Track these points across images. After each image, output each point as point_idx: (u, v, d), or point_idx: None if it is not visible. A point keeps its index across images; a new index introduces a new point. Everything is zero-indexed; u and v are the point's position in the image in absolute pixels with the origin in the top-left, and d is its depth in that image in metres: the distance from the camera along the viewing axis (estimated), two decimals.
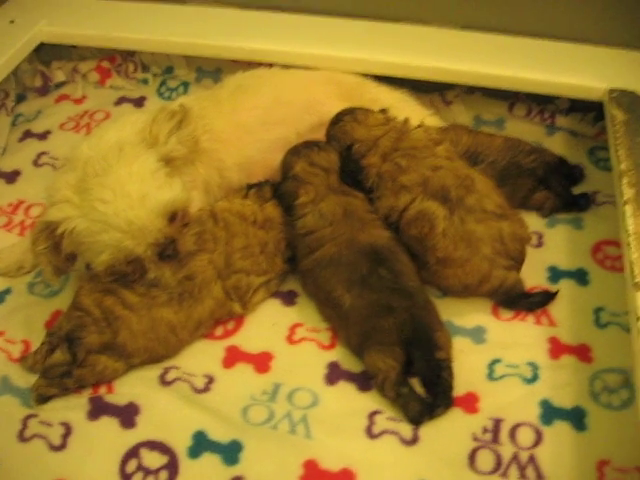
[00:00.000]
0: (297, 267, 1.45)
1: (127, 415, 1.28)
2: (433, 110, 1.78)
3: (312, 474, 1.19)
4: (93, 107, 1.98)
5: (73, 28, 1.93)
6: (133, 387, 1.33)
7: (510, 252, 1.38)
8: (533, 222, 1.54)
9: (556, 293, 1.41)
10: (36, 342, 1.39)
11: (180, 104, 1.48)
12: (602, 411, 1.24)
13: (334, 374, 1.33)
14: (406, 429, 1.24)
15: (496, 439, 1.22)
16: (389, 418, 1.26)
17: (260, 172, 1.58)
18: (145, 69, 2.07)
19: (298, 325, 1.42)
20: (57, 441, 1.25)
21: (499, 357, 1.34)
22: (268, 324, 1.43)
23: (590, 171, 1.70)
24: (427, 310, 1.32)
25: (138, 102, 1.99)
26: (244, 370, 1.35)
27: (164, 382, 1.33)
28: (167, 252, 1.31)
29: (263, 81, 1.66)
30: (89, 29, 1.92)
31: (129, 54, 2.05)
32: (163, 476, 1.20)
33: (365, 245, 1.38)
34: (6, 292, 1.52)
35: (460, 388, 1.28)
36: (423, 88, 1.81)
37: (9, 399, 1.32)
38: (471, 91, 1.88)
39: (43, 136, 1.90)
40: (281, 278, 1.48)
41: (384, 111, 1.55)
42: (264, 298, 1.45)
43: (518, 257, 1.41)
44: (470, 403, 1.27)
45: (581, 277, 1.46)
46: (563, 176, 1.60)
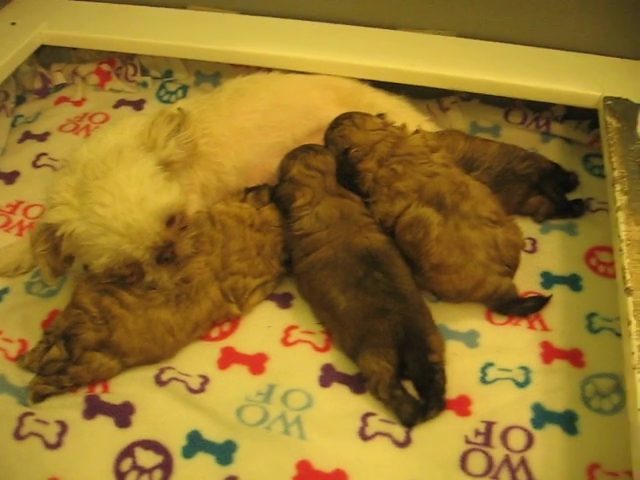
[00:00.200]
0: (293, 269, 1.47)
1: (122, 414, 1.29)
2: (430, 116, 1.79)
3: (305, 475, 1.20)
4: (92, 109, 1.99)
5: (73, 31, 1.94)
6: (129, 386, 1.34)
7: (504, 258, 1.39)
8: (527, 228, 1.56)
9: (549, 298, 1.42)
10: (33, 341, 1.40)
11: (179, 108, 1.49)
12: (593, 415, 1.25)
13: (328, 376, 1.35)
14: (399, 431, 1.25)
15: (488, 442, 1.23)
16: (382, 420, 1.27)
17: (258, 176, 1.59)
18: (145, 72, 2.08)
19: (293, 327, 1.43)
20: (53, 439, 1.26)
21: (492, 361, 1.35)
22: (263, 326, 1.44)
23: (584, 178, 1.71)
24: (421, 314, 1.34)
25: (137, 105, 2.00)
26: (239, 371, 1.36)
27: (159, 382, 1.34)
28: (165, 255, 1.33)
29: (261, 86, 1.67)
30: (89, 32, 1.93)
31: (129, 57, 2.06)
32: (157, 475, 1.21)
33: (361, 248, 1.39)
34: (4, 291, 1.53)
35: (453, 391, 1.29)
36: (420, 94, 1.82)
37: (5, 397, 1.33)
38: (468, 98, 1.90)
39: (42, 137, 1.91)
40: (277, 280, 1.49)
41: (382, 116, 1.56)
42: (260, 300, 1.46)
43: (512, 263, 1.42)
44: (462, 406, 1.28)
45: (574, 283, 1.48)
46: (558, 182, 1.62)
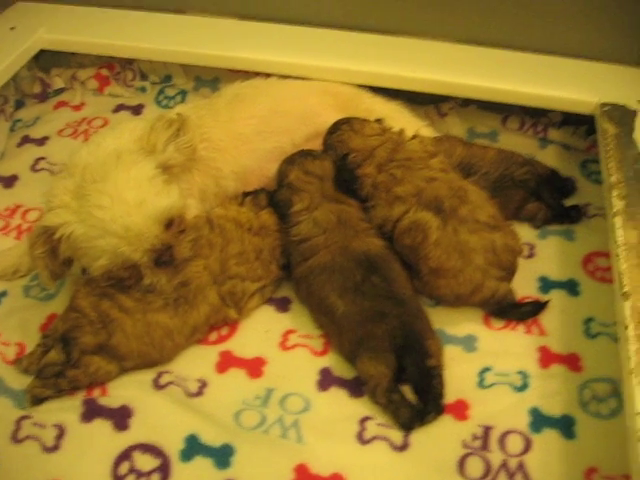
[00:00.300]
0: (291, 274, 1.47)
1: (120, 418, 1.29)
2: (428, 122, 1.80)
3: (303, 478, 1.20)
4: (91, 114, 1.99)
5: (72, 35, 1.95)
6: (127, 390, 1.34)
7: (502, 263, 1.40)
8: (525, 233, 1.56)
9: (547, 303, 1.43)
10: (31, 345, 1.40)
11: (178, 113, 1.50)
12: (591, 420, 1.25)
13: (326, 380, 1.35)
14: (397, 435, 1.25)
15: (486, 446, 1.23)
16: (380, 424, 1.27)
17: (256, 181, 1.60)
18: (143, 77, 2.08)
19: (291, 331, 1.44)
20: (50, 442, 1.26)
21: (490, 365, 1.35)
22: (261, 330, 1.44)
23: (582, 184, 1.72)
24: (419, 318, 1.34)
25: (136, 110, 2.01)
26: (237, 375, 1.36)
27: (157, 386, 1.34)
28: (163, 258, 1.33)
29: (260, 91, 1.67)
30: (88, 37, 1.94)
31: (128, 62, 2.07)
32: (155, 479, 1.21)
33: (359, 253, 1.39)
34: (2, 295, 1.53)
35: (451, 395, 1.29)
36: (418, 100, 1.83)
37: (3, 400, 1.33)
38: (466, 104, 1.91)
39: (41, 142, 1.91)
40: (276, 284, 1.50)
41: (380, 121, 1.57)
42: (259, 304, 1.46)
43: (510, 268, 1.42)
44: (460, 410, 1.28)
45: (572, 288, 1.48)
46: (555, 188, 1.62)
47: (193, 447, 1.25)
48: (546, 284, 1.49)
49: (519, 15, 1.77)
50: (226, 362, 1.39)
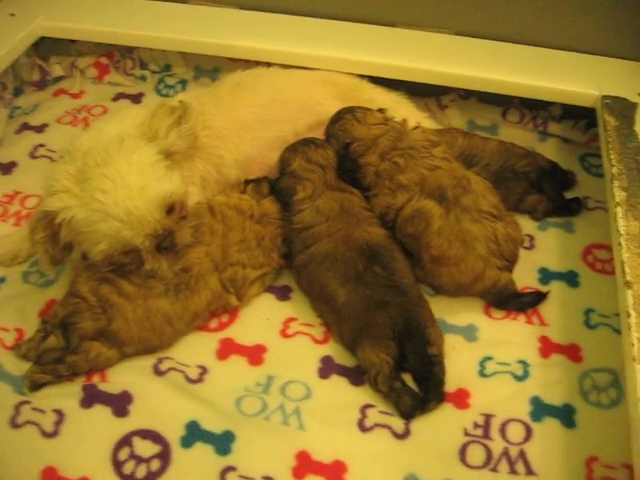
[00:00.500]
0: (292, 262, 1.46)
1: (120, 404, 1.29)
2: (428, 114, 1.80)
3: (304, 465, 1.20)
4: (91, 102, 1.98)
5: (72, 23, 1.94)
6: (126, 376, 1.33)
7: (504, 252, 1.40)
8: (525, 225, 1.56)
9: (547, 294, 1.43)
10: (29, 330, 1.39)
11: (180, 100, 1.49)
12: (591, 409, 1.26)
13: (327, 368, 1.35)
14: (398, 423, 1.25)
15: (487, 434, 1.23)
16: (381, 412, 1.27)
17: (258, 169, 1.59)
18: (143, 66, 2.07)
19: (292, 319, 1.43)
20: (50, 428, 1.25)
21: (490, 355, 1.35)
22: (262, 318, 1.44)
23: (581, 177, 1.72)
24: (420, 307, 1.34)
25: (136, 98, 2.00)
26: (238, 362, 1.36)
27: (158, 372, 1.34)
28: (164, 244, 1.32)
29: (262, 80, 1.67)
30: (88, 24, 1.92)
31: (128, 51, 2.06)
32: (155, 465, 1.21)
33: (361, 242, 1.39)
34: (0, 281, 1.52)
35: (452, 384, 1.30)
36: (419, 92, 1.83)
37: (2, 386, 1.32)
38: (466, 96, 1.91)
39: (40, 129, 1.90)
40: (276, 272, 1.49)
41: (383, 111, 1.57)
42: (259, 291, 1.46)
43: (511, 258, 1.43)
44: (461, 399, 1.28)
45: (571, 279, 1.49)
46: (556, 181, 1.63)
47: (194, 433, 1.24)
48: (546, 275, 1.50)
49: (520, 8, 1.77)
50: (227, 349, 1.38)
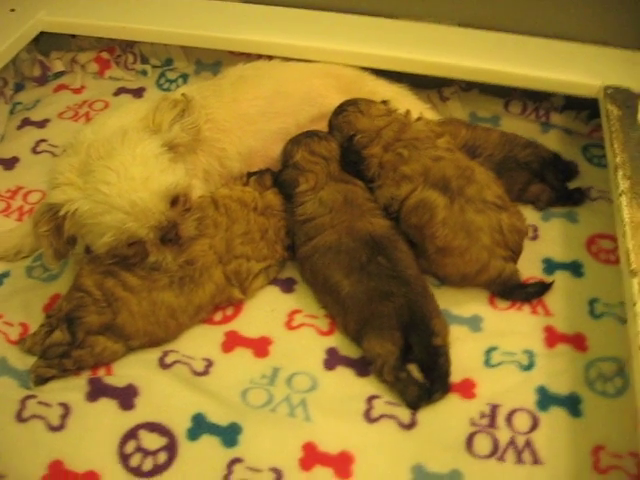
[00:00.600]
0: (296, 254, 1.46)
1: (126, 397, 1.28)
2: (430, 106, 1.80)
3: (311, 456, 1.20)
4: (92, 97, 1.98)
5: (73, 18, 1.93)
6: (132, 369, 1.33)
7: (508, 243, 1.40)
8: (528, 215, 1.55)
9: (551, 284, 1.43)
10: (34, 325, 1.39)
11: (183, 93, 1.49)
12: (597, 398, 1.26)
13: (333, 359, 1.34)
14: (404, 413, 1.25)
15: (493, 424, 1.23)
16: (387, 402, 1.27)
17: (260, 162, 1.59)
18: (144, 61, 2.07)
19: (297, 311, 1.43)
20: (56, 422, 1.25)
21: (496, 345, 1.35)
22: (267, 310, 1.44)
23: (584, 167, 1.72)
24: (425, 297, 1.34)
25: (137, 93, 1.99)
26: (243, 354, 1.36)
27: (163, 365, 1.34)
28: (169, 236, 1.32)
29: (264, 72, 1.67)
30: (89, 19, 1.92)
31: (128, 45, 2.06)
32: (162, 457, 1.20)
33: (364, 233, 1.39)
34: (4, 275, 1.52)
35: (457, 374, 1.29)
36: (420, 84, 1.82)
37: (7, 380, 1.32)
38: (467, 88, 1.91)
39: (42, 124, 1.90)
40: (280, 265, 1.49)
41: (385, 102, 1.57)
42: (263, 284, 1.46)
43: (516, 248, 1.42)
44: (467, 389, 1.28)
45: (576, 269, 1.48)
46: (558, 171, 1.62)
47: (200, 426, 1.24)
48: (550, 265, 1.50)
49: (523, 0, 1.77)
50: (232, 341, 1.38)
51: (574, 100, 1.77)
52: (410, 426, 1.24)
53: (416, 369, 1.30)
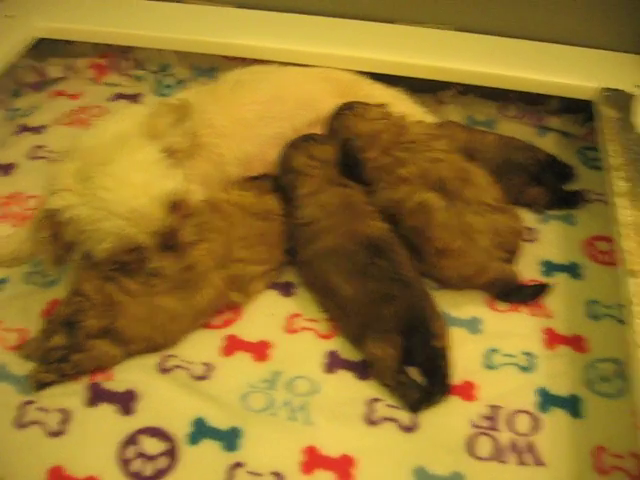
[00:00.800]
0: (296, 258, 1.46)
1: (126, 402, 1.28)
2: (427, 110, 1.80)
3: (312, 460, 1.19)
4: (89, 103, 1.98)
5: (69, 24, 1.93)
6: (131, 374, 1.33)
7: (506, 245, 1.41)
8: (526, 218, 1.57)
9: (550, 286, 1.43)
10: (33, 331, 1.39)
11: (180, 98, 1.49)
12: (598, 399, 1.26)
13: (333, 363, 1.34)
14: (405, 416, 1.25)
15: (494, 426, 1.23)
16: (388, 405, 1.27)
17: (259, 166, 1.59)
18: (140, 66, 2.07)
19: (296, 315, 1.43)
20: (55, 427, 1.24)
21: (495, 347, 1.35)
22: (266, 314, 1.44)
23: (580, 170, 1.72)
24: (425, 300, 1.33)
25: (134, 99, 1.99)
26: (243, 358, 1.36)
27: (163, 369, 1.33)
28: (168, 242, 1.32)
29: (261, 77, 1.67)
30: (85, 25, 1.92)
31: (124, 51, 2.06)
32: (163, 462, 1.20)
33: (363, 236, 1.39)
34: (3, 281, 1.52)
35: (457, 376, 1.29)
36: (417, 88, 1.83)
37: (5, 386, 1.31)
38: (464, 92, 1.91)
39: (38, 130, 1.90)
40: (280, 269, 1.49)
41: (382, 106, 1.57)
42: (263, 288, 1.46)
43: (513, 250, 1.43)
44: (468, 391, 1.28)
45: (574, 271, 1.49)
46: (555, 174, 1.63)
47: (200, 430, 1.24)
48: (549, 268, 1.50)
49: (519, 3, 1.78)
50: (231, 346, 1.38)
51: (570, 103, 1.77)
52: (411, 429, 1.24)
53: (416, 372, 1.29)
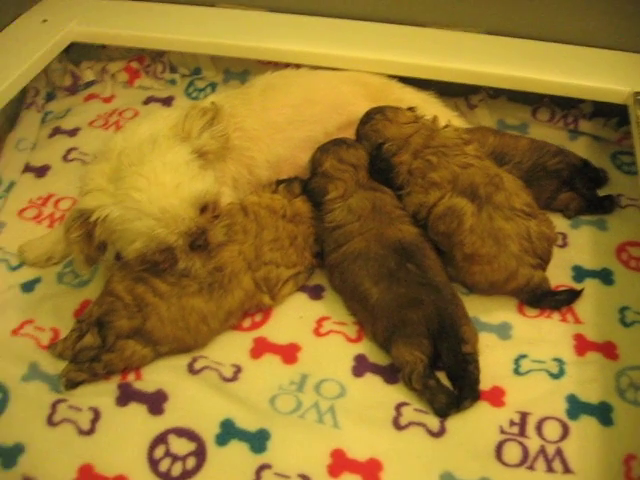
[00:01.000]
0: (325, 261, 1.47)
1: (155, 402, 1.30)
2: (457, 113, 1.80)
3: (340, 463, 1.20)
4: (122, 106, 2.00)
5: (103, 28, 1.95)
6: (161, 375, 1.34)
7: (537, 251, 1.39)
8: (557, 223, 1.54)
9: (581, 291, 1.42)
10: (64, 330, 1.41)
11: (212, 102, 1.50)
12: (628, 407, 1.25)
13: (361, 366, 1.35)
14: (433, 421, 1.25)
15: (523, 432, 1.22)
16: (416, 410, 1.27)
17: (288, 170, 1.60)
18: (173, 70, 2.09)
19: (325, 318, 1.44)
20: (86, 426, 1.26)
21: (525, 352, 1.35)
22: (295, 317, 1.44)
23: (613, 175, 1.71)
24: (454, 304, 1.33)
25: (166, 102, 2.01)
26: (272, 361, 1.36)
27: (192, 370, 1.35)
28: (198, 242, 1.33)
29: (292, 81, 1.68)
30: (119, 29, 1.94)
31: (158, 55, 2.08)
32: (191, 462, 1.21)
33: (393, 240, 1.39)
34: (36, 281, 1.54)
35: (486, 382, 1.29)
36: (448, 92, 1.82)
37: (38, 384, 1.33)
38: (495, 95, 1.91)
39: (72, 132, 1.92)
40: (309, 272, 1.50)
41: (412, 109, 1.57)
42: (292, 290, 1.47)
43: (545, 256, 1.42)
44: (497, 397, 1.28)
45: (606, 277, 1.47)
46: (588, 178, 1.61)
47: (229, 431, 1.25)
48: (580, 273, 1.49)
49: (550, 6, 1.76)
50: (260, 348, 1.39)
51: (603, 107, 1.76)
52: (439, 434, 1.23)
53: (445, 377, 1.29)
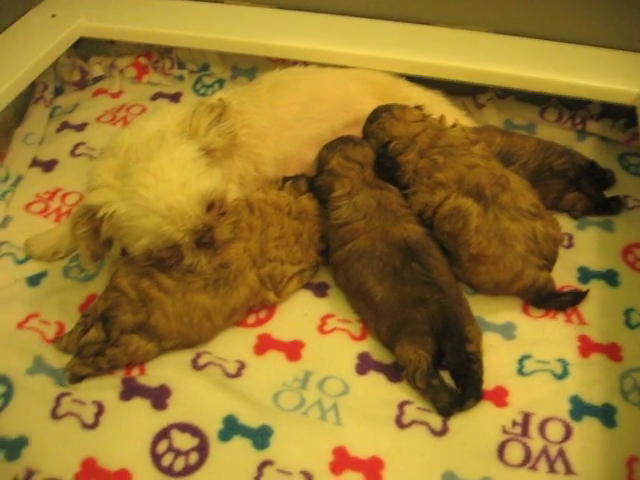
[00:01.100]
0: (330, 259, 1.47)
1: (159, 397, 1.30)
2: (465, 112, 1.79)
3: (342, 460, 1.20)
4: (130, 101, 2.00)
5: (112, 23, 1.96)
6: (165, 370, 1.35)
7: (543, 251, 1.39)
8: (564, 223, 1.54)
9: (586, 293, 1.41)
10: (70, 324, 1.41)
11: (219, 98, 1.50)
12: (632, 409, 1.24)
13: (365, 364, 1.35)
14: (436, 420, 1.25)
15: (526, 432, 1.22)
16: (419, 408, 1.27)
17: (295, 167, 1.60)
18: (181, 66, 2.09)
19: (329, 316, 1.44)
20: (90, 420, 1.27)
21: (529, 353, 1.34)
22: (300, 314, 1.44)
23: (620, 176, 1.70)
24: (458, 304, 1.33)
25: (174, 98, 2.01)
26: (275, 357, 1.37)
27: (196, 366, 1.35)
28: (204, 239, 1.33)
29: (300, 78, 1.68)
30: (127, 25, 1.94)
31: (166, 51, 2.08)
32: (194, 457, 1.22)
33: (398, 239, 1.39)
34: (42, 275, 1.55)
35: (490, 382, 1.29)
36: (455, 91, 1.82)
37: (43, 378, 1.34)
38: (503, 95, 1.90)
39: (80, 127, 1.93)
40: (314, 269, 1.50)
41: (420, 107, 1.56)
42: (297, 288, 1.47)
43: (550, 257, 1.41)
44: (500, 397, 1.28)
45: (611, 278, 1.47)
46: (595, 179, 1.61)
47: (232, 427, 1.25)
48: (585, 274, 1.48)
49: (559, 6, 1.75)
50: (264, 344, 1.39)
51: (611, 108, 1.75)
52: (441, 433, 1.24)
53: (448, 376, 1.29)
